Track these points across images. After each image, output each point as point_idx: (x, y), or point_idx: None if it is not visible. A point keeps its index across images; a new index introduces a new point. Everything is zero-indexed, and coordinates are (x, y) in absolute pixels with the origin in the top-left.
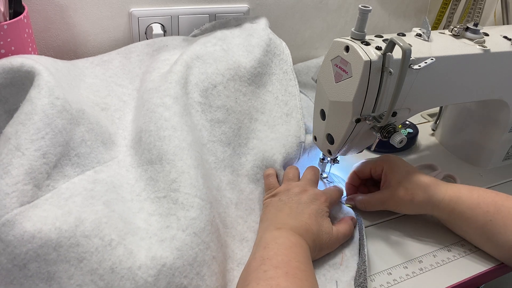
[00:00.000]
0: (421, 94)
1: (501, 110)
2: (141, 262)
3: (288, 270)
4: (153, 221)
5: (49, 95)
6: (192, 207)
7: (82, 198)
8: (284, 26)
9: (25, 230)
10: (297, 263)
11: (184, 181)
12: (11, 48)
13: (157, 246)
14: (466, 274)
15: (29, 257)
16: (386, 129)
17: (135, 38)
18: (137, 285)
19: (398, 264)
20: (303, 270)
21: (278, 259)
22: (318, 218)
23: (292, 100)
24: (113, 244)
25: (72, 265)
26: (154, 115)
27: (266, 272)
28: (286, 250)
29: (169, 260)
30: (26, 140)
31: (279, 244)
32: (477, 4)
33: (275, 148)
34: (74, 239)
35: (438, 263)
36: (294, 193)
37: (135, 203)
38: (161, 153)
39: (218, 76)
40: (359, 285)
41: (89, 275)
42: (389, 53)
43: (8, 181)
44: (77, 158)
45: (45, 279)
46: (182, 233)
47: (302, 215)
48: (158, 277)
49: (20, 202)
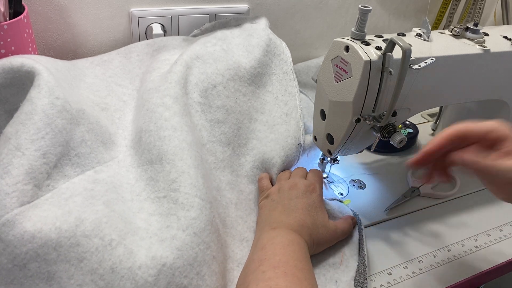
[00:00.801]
0: (421, 94)
1: (501, 110)
2: (141, 262)
3: (286, 269)
4: (153, 221)
5: (49, 95)
6: (192, 207)
7: (82, 198)
8: (284, 26)
9: (25, 230)
10: (295, 262)
11: (184, 181)
12: (11, 48)
13: (157, 246)
14: (466, 274)
15: (29, 257)
16: (386, 129)
17: (135, 38)
18: (137, 285)
19: (398, 264)
20: (302, 269)
21: (276, 259)
22: (312, 211)
23: (292, 100)
24: (113, 244)
25: (72, 265)
26: (154, 115)
27: (264, 273)
28: (283, 250)
29: (169, 260)
30: (26, 140)
31: (276, 244)
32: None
33: (274, 150)
34: (74, 239)
35: (438, 263)
36: (284, 191)
37: (135, 203)
38: (161, 153)
39: (218, 76)
40: (359, 285)
41: (89, 275)
42: (389, 53)
43: (8, 181)
44: (77, 158)
45: (45, 279)
46: (182, 233)
47: (295, 210)
48: (158, 277)
49: (20, 202)
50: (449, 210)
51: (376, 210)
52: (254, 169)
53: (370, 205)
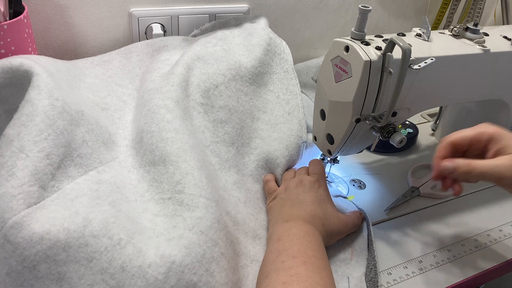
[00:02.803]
0: (421, 94)
1: (501, 110)
2: (151, 260)
3: (305, 259)
4: (159, 222)
5: (49, 97)
6: (197, 207)
7: (88, 199)
8: (284, 26)
9: (33, 231)
10: (313, 252)
11: (188, 182)
12: (11, 48)
13: (165, 244)
14: (466, 274)
15: (39, 258)
16: (386, 129)
17: (135, 38)
18: (148, 282)
19: (398, 264)
20: (320, 258)
21: (294, 249)
22: (321, 204)
23: (293, 99)
24: (122, 243)
25: (82, 265)
26: (156, 116)
27: (284, 262)
28: (300, 240)
29: (178, 257)
30: (29, 141)
31: (291, 235)
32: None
33: (278, 150)
34: (83, 239)
35: (438, 263)
36: (291, 188)
37: (139, 204)
38: (164, 155)
39: (219, 76)
40: (370, 280)
41: (99, 275)
42: (389, 53)
43: (14, 183)
44: (79, 159)
45: (55, 280)
46: (189, 232)
47: (304, 203)
48: (168, 274)
49: (27, 204)
50: (449, 210)
51: (376, 210)
52: (259, 168)
53: (370, 205)
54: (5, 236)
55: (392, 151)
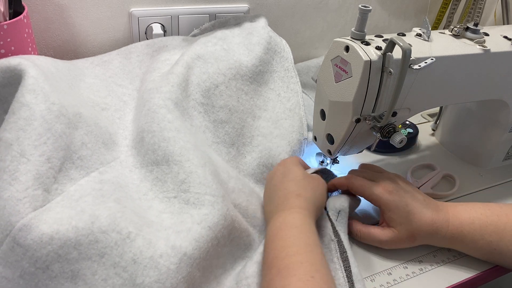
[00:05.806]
0: (421, 94)
1: (501, 110)
2: (162, 251)
3: (306, 249)
4: (165, 217)
5: (45, 101)
6: (203, 205)
7: (92, 197)
8: (284, 26)
9: (42, 232)
10: (308, 240)
11: (193, 181)
12: (11, 48)
13: (174, 236)
14: (466, 274)
15: (51, 258)
16: (386, 129)
17: (135, 38)
18: (161, 272)
19: (398, 264)
20: (318, 245)
21: (295, 243)
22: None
23: (294, 96)
24: (131, 236)
25: (94, 261)
26: (156, 116)
27: (288, 255)
28: (294, 231)
29: (189, 250)
30: (30, 146)
31: (287, 229)
32: (477, 4)
33: (280, 146)
34: (92, 236)
35: (438, 263)
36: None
37: (143, 202)
38: (167, 154)
39: (219, 76)
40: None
41: (112, 269)
42: (389, 53)
43: (18, 188)
44: (80, 161)
45: (69, 278)
46: (198, 225)
47: (286, 185)
48: (180, 265)
49: (33, 207)
50: None
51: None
52: (261, 166)
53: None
54: (14, 239)
55: (392, 151)
